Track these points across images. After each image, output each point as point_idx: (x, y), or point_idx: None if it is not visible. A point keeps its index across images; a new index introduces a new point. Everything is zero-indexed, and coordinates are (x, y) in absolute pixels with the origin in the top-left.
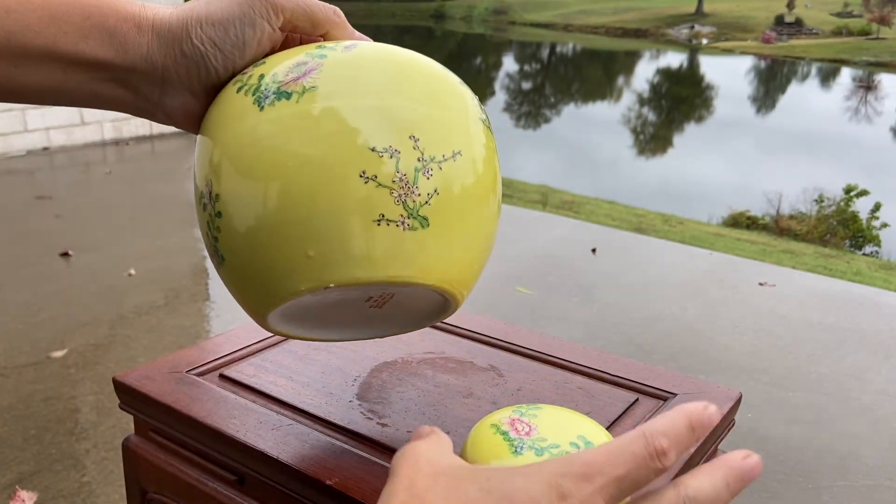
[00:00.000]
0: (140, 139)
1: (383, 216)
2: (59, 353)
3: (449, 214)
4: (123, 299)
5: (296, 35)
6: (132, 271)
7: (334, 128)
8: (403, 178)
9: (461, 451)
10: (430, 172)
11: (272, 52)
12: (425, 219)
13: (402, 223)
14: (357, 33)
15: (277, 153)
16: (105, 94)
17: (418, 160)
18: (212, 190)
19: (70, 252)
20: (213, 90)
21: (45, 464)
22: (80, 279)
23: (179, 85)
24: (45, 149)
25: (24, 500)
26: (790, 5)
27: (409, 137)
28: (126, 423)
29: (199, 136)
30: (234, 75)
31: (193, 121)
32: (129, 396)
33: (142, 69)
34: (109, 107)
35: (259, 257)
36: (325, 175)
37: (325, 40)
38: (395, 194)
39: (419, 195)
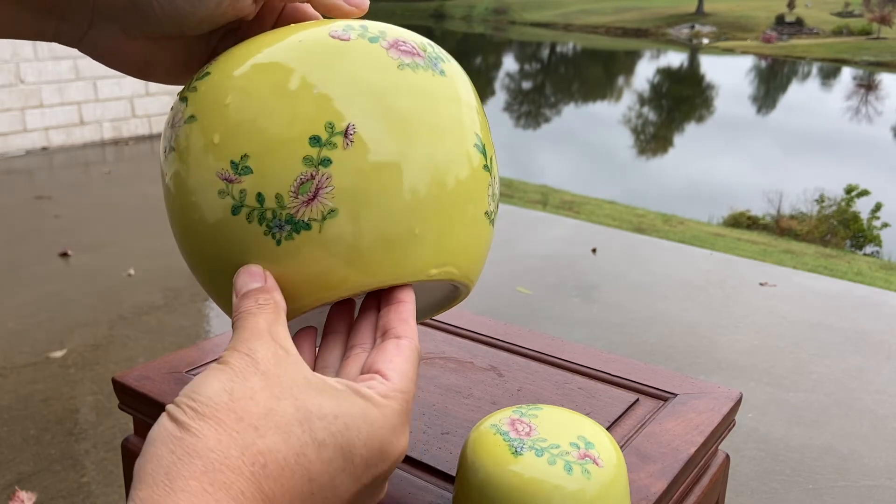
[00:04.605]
0: (140, 139)
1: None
2: (58, 354)
3: None
4: (123, 299)
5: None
6: (131, 271)
7: None
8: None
9: (461, 452)
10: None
11: (236, 22)
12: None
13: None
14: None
15: None
16: (25, 23)
17: None
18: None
19: (69, 252)
20: (153, 38)
21: (44, 464)
22: (79, 279)
23: (113, 23)
24: (45, 149)
25: (23, 501)
26: (791, 5)
27: None
28: (125, 424)
29: None
30: (181, 32)
31: (122, 61)
32: (128, 397)
33: (67, 1)
34: (28, 37)
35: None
36: None
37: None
38: None
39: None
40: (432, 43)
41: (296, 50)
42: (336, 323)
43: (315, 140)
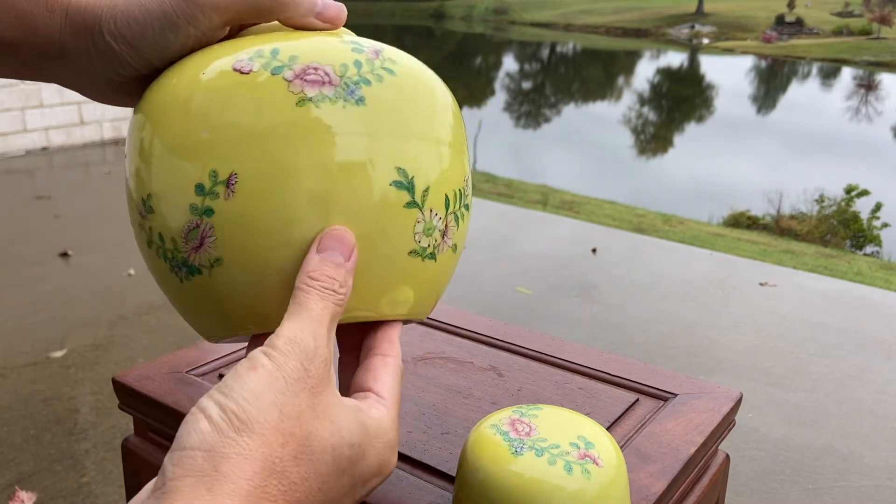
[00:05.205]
0: None
1: None
2: (58, 354)
3: None
4: (123, 299)
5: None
6: (132, 271)
7: None
8: None
9: (461, 452)
10: None
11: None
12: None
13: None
14: (320, 5)
15: None
16: (19, 73)
17: None
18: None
19: (69, 252)
20: (134, 80)
21: (44, 464)
22: (79, 279)
23: (95, 73)
24: (45, 149)
25: (23, 501)
26: (791, 5)
27: None
28: (126, 424)
29: None
30: (156, 71)
31: (118, 99)
32: (128, 397)
33: (54, 55)
34: (31, 79)
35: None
36: None
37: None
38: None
39: None
40: (375, 55)
41: (195, 86)
42: None
43: (200, 188)
